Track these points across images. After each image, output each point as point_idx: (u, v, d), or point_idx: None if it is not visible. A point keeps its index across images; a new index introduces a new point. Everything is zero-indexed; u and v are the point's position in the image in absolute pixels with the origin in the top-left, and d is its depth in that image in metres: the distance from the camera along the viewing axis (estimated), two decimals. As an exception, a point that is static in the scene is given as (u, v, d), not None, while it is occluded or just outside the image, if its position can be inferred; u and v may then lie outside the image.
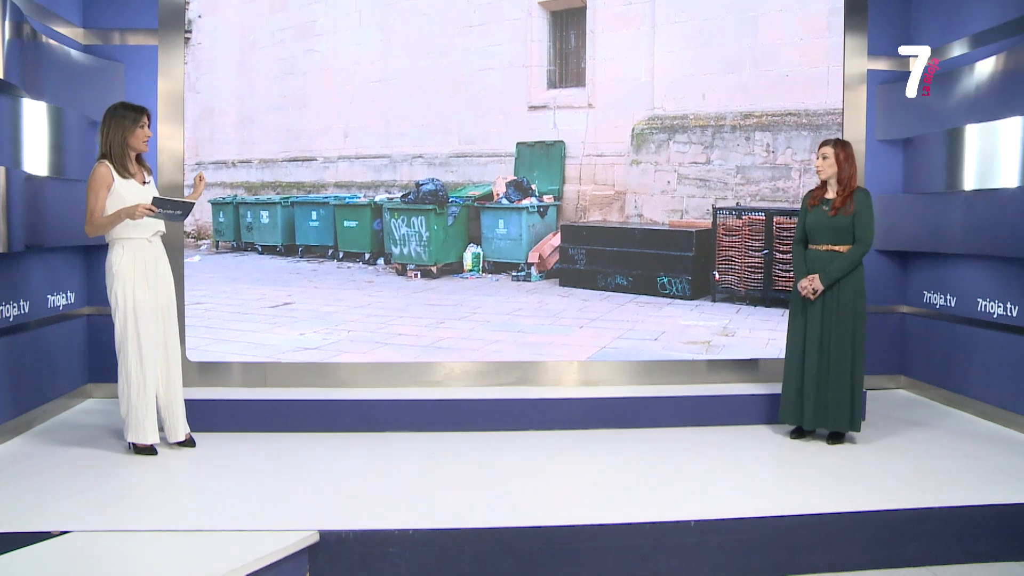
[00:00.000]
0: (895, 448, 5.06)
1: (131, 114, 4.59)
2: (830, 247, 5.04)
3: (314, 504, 4.02)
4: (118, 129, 4.55)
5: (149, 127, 4.67)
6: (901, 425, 5.61)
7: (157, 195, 4.65)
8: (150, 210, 4.45)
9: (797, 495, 4.24)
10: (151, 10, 5.80)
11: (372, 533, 3.69)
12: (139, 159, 4.71)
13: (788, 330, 5.22)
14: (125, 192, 4.54)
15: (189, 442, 4.91)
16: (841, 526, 3.96)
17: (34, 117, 5.28)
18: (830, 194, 5.10)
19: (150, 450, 4.72)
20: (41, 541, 3.54)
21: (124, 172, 4.55)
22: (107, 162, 4.55)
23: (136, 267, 4.59)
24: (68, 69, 5.67)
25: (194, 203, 4.64)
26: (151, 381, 4.66)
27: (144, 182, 4.67)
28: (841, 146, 5.06)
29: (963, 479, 4.49)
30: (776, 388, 5.56)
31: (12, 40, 4.83)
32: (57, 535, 3.59)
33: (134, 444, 4.73)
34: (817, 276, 5.01)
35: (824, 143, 5.10)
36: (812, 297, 5.01)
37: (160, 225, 4.71)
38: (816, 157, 5.12)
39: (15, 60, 4.88)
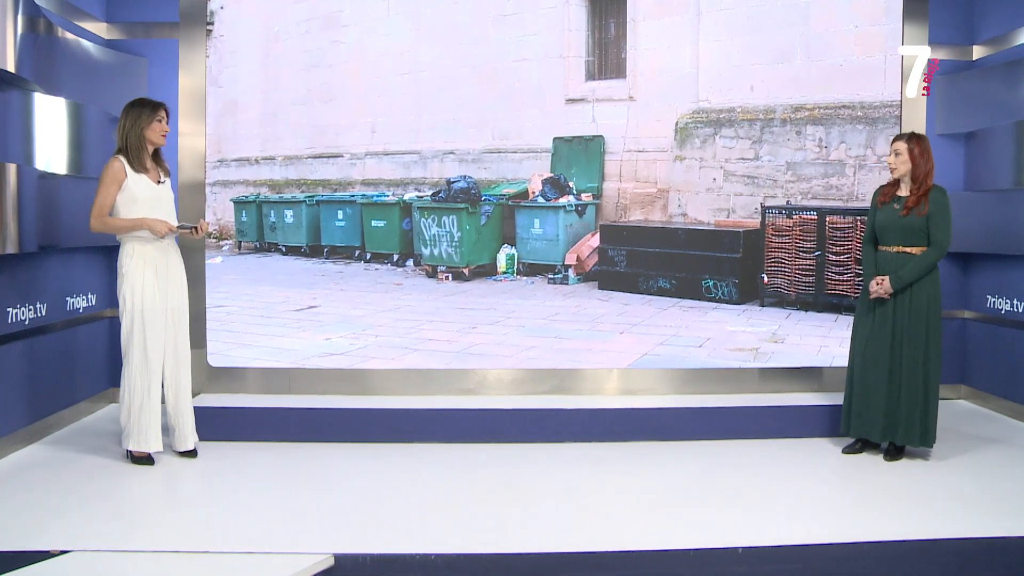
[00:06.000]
0: (961, 467, 4.76)
1: (148, 106, 4.59)
2: (901, 249, 4.75)
3: (330, 523, 3.84)
4: (135, 121, 4.55)
5: (167, 122, 4.65)
6: (965, 440, 5.28)
7: (172, 196, 4.71)
8: (172, 230, 4.53)
9: (855, 519, 3.99)
10: (173, 3, 5.70)
11: (391, 557, 3.50)
12: (158, 158, 4.68)
13: (853, 336, 4.97)
14: (137, 188, 4.51)
15: (192, 452, 4.80)
16: (903, 555, 3.69)
17: (50, 113, 5.19)
18: (903, 191, 4.80)
19: (148, 459, 4.63)
20: (39, 561, 3.39)
21: (138, 166, 4.53)
22: (121, 157, 4.54)
23: (147, 267, 4.55)
24: (89, 64, 5.58)
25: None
26: (156, 386, 4.59)
27: (159, 181, 4.63)
28: (916, 140, 4.76)
29: (1038, 504, 4.18)
30: (832, 398, 5.35)
31: (25, 34, 4.75)
32: (56, 555, 3.45)
33: (131, 452, 4.64)
34: (888, 279, 4.70)
35: (897, 138, 4.82)
36: (886, 296, 4.73)
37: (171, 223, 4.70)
38: (889, 153, 4.82)
39: (28, 54, 4.79)
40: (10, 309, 4.81)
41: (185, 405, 4.74)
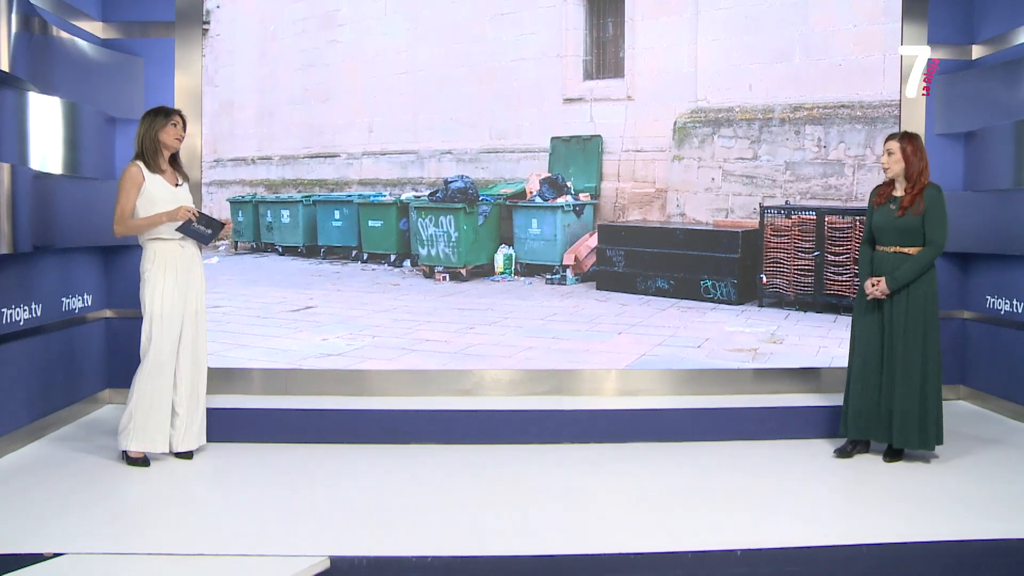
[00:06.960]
0: (961, 468, 4.72)
1: (162, 112, 4.70)
2: (898, 249, 4.72)
3: (326, 525, 3.81)
4: (150, 126, 4.65)
5: (183, 128, 4.75)
6: (965, 441, 5.25)
7: (191, 199, 4.78)
8: (193, 215, 4.56)
9: (855, 521, 3.96)
10: (169, 2, 5.68)
11: (387, 560, 3.46)
12: (174, 163, 4.78)
13: (852, 336, 4.93)
14: (156, 190, 4.59)
15: (188, 453, 4.79)
16: (903, 556, 3.65)
17: (45, 113, 5.15)
18: (898, 191, 4.76)
19: (143, 461, 4.64)
20: (31, 565, 3.35)
21: (155, 168, 4.62)
22: (139, 162, 4.62)
23: (167, 272, 4.62)
24: (84, 64, 5.54)
25: (223, 225, 4.76)
26: (167, 388, 4.63)
27: (177, 184, 4.72)
28: (908, 139, 4.72)
29: (1040, 506, 4.15)
30: (831, 399, 5.32)
31: (20, 33, 4.72)
32: (49, 557, 3.42)
33: (127, 453, 4.65)
34: (883, 279, 4.67)
35: (889, 137, 4.78)
36: (883, 297, 4.69)
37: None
38: (882, 153, 4.79)
39: (23, 53, 4.76)
40: (5, 310, 4.77)
41: (200, 407, 4.79)
